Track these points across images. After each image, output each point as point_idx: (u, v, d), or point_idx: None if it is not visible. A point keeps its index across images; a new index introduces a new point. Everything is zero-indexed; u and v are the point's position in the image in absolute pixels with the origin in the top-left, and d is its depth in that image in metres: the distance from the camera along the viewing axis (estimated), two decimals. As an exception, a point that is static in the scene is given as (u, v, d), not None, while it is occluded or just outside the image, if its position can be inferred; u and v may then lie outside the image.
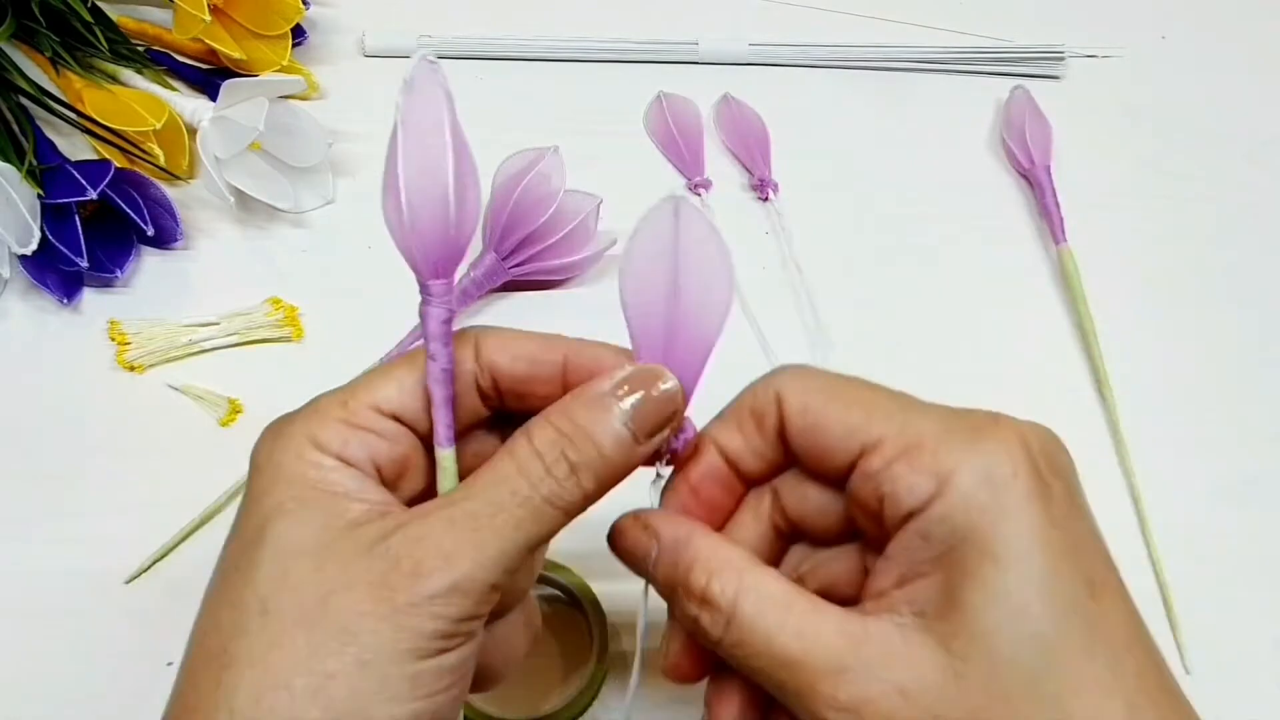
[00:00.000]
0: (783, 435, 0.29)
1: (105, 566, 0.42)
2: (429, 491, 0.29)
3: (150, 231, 0.48)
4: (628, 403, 0.27)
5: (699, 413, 0.30)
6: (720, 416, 0.30)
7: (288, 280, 0.49)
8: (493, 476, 0.27)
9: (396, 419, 0.28)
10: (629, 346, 0.29)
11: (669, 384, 0.28)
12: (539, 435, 0.27)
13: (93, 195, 0.45)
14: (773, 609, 0.26)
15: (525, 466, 0.27)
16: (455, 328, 0.30)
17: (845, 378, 0.29)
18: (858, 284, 0.51)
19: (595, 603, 0.41)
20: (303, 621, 0.25)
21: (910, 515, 0.26)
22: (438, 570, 0.25)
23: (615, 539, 0.30)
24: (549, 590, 0.42)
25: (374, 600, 0.25)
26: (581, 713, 0.39)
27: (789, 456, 0.29)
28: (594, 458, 0.27)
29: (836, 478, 0.28)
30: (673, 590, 0.28)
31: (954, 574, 0.25)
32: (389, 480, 0.28)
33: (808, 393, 0.28)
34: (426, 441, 0.29)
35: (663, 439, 0.28)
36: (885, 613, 0.26)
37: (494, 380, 0.29)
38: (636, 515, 0.29)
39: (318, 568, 0.25)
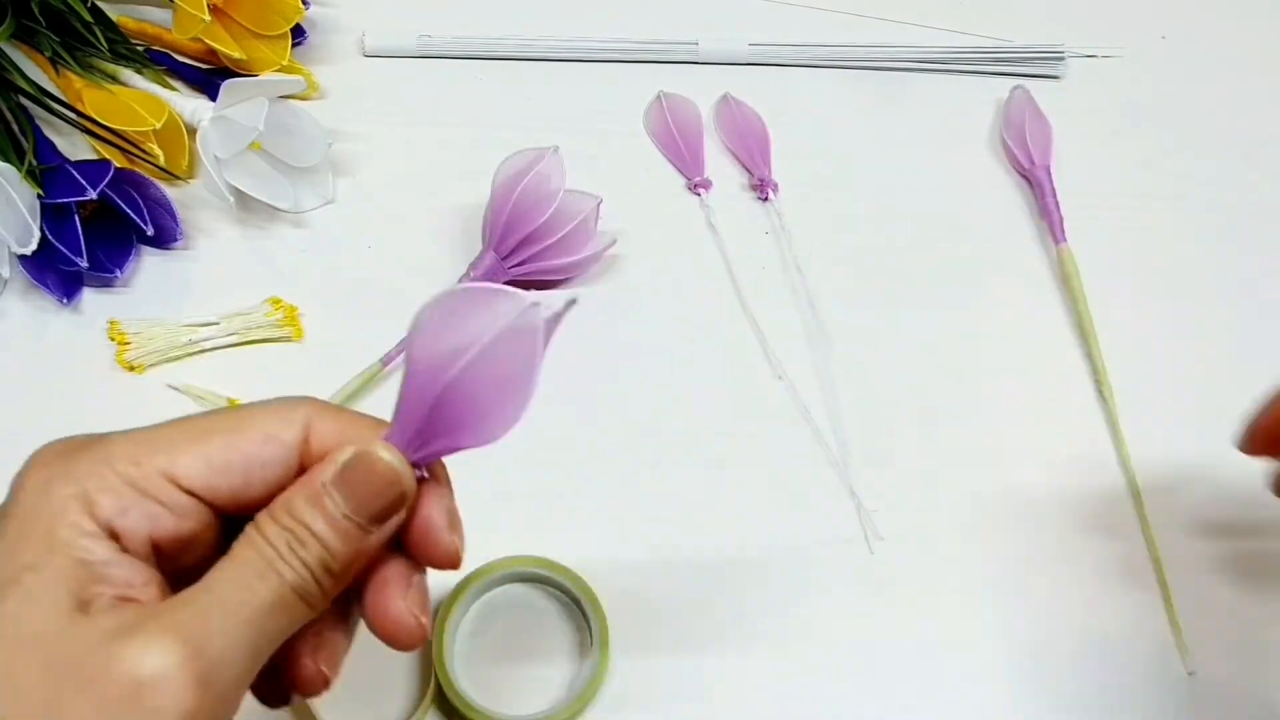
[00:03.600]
0: None
1: (105, 566, 0.42)
2: (209, 564, 0.26)
3: (150, 231, 0.48)
4: (341, 494, 0.26)
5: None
6: None
7: (288, 280, 0.49)
8: (235, 572, 0.25)
9: (192, 494, 0.26)
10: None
11: (384, 465, 0.26)
12: (268, 529, 0.25)
13: (92, 195, 0.45)
14: None
15: (266, 558, 0.25)
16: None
17: None
18: (858, 284, 0.51)
19: (594, 600, 0.41)
20: None
21: None
22: (174, 694, 0.23)
23: None
24: (549, 588, 0.42)
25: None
26: (583, 710, 0.39)
27: None
28: (321, 554, 0.25)
29: None
30: None
31: None
32: (166, 555, 0.26)
33: None
34: (222, 519, 0.27)
35: (399, 518, 0.27)
36: None
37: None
38: None
39: (46, 665, 0.23)
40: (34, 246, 0.45)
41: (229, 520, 0.27)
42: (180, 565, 0.26)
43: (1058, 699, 0.41)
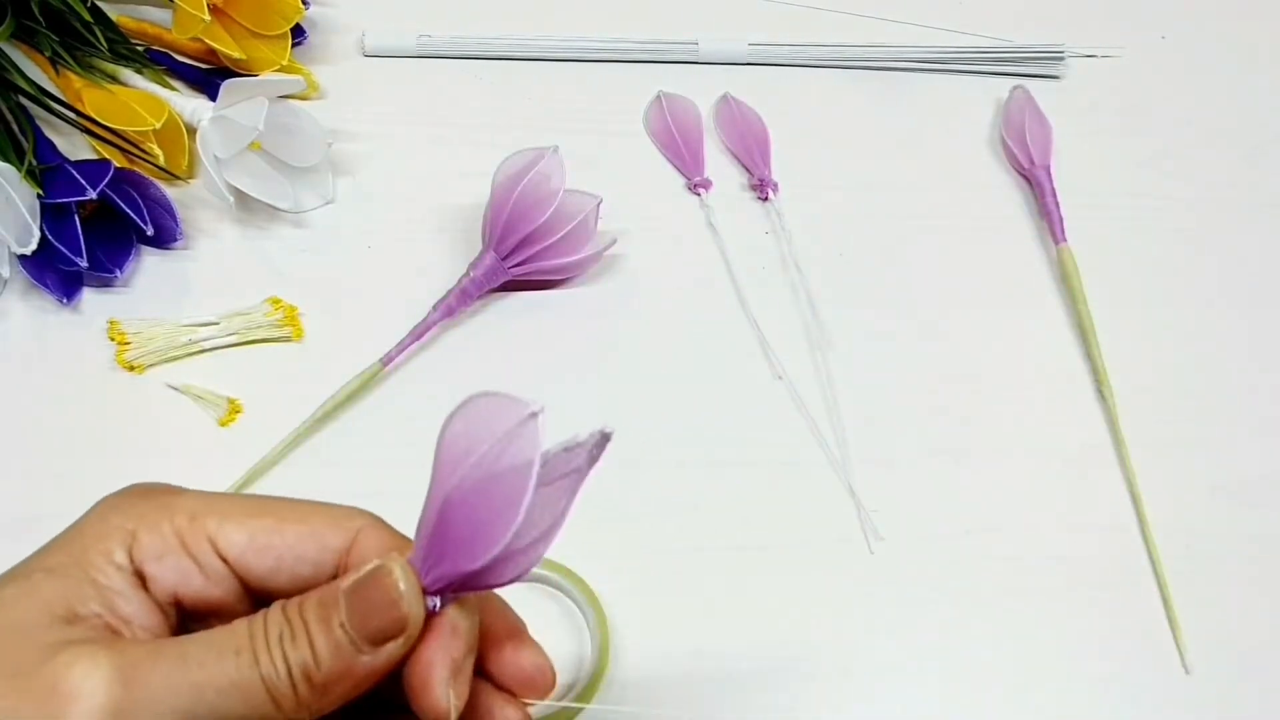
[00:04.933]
0: None
1: (105, 566, 0.42)
2: None
3: (150, 231, 0.48)
4: (346, 605, 0.25)
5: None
6: None
7: (288, 280, 0.49)
8: (217, 638, 0.25)
9: (227, 564, 0.26)
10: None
11: (389, 582, 0.25)
12: (271, 615, 0.25)
13: (92, 195, 0.45)
14: None
15: (253, 638, 0.24)
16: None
17: None
18: (858, 284, 0.51)
19: (595, 600, 0.41)
20: None
21: None
22: (83, 711, 0.23)
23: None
24: (548, 588, 0.42)
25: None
26: (582, 710, 0.39)
27: None
28: (306, 659, 0.24)
29: None
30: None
31: None
32: (192, 615, 0.26)
33: None
34: (253, 594, 0.27)
35: (396, 646, 0.25)
36: None
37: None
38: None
39: (2, 651, 0.24)
40: (34, 246, 0.45)
41: (261, 604, 0.26)
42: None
43: (1056, 697, 0.41)
